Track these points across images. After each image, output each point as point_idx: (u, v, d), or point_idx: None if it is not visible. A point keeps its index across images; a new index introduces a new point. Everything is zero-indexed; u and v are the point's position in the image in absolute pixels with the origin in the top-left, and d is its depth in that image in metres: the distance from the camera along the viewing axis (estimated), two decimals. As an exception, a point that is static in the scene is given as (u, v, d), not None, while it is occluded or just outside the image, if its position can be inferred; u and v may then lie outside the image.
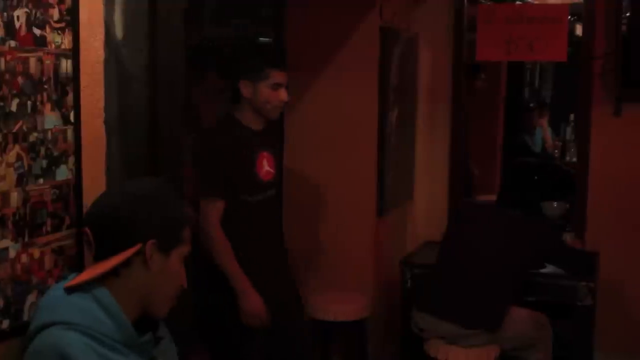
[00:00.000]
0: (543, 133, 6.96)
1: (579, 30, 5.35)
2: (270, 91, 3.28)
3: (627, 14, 4.57)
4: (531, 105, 7.16)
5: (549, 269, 4.30)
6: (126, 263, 1.87)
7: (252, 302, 3.18)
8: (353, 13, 4.26)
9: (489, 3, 5.12)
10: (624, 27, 4.57)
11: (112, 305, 1.83)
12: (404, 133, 4.72)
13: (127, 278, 1.88)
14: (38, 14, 1.95)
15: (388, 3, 4.34)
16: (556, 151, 6.87)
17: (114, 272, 1.87)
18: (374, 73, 4.25)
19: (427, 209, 5.05)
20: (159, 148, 2.70)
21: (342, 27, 4.26)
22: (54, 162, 2.04)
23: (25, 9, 1.91)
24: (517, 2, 5.31)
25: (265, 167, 3.35)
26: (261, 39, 4.59)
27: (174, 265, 1.95)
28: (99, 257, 1.88)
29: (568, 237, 4.57)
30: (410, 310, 4.12)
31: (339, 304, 4.15)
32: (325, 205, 4.34)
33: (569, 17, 5.00)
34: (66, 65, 2.06)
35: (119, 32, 2.49)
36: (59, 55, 2.03)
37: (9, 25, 1.87)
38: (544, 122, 6.95)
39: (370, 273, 4.32)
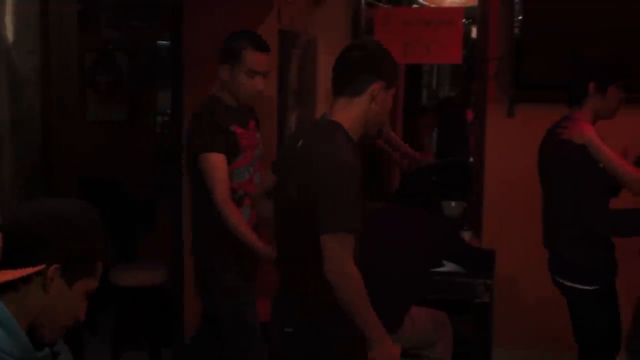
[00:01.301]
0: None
1: (474, 33, 5.46)
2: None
3: (520, 17, 4.68)
4: (427, 106, 7.29)
5: (447, 267, 4.37)
6: (26, 279, 1.81)
7: (390, 353, 2.89)
8: (251, 16, 4.24)
9: (386, 6, 5.19)
10: (516, 30, 4.69)
11: (9, 320, 1.76)
12: (304, 135, 4.73)
13: (24, 295, 1.82)
14: None
15: (286, 6, 4.34)
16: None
17: (13, 286, 1.81)
18: (273, 75, 4.24)
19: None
20: (54, 153, 2.64)
21: (241, 29, 4.24)
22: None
23: None
24: (414, 6, 5.39)
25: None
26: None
27: (75, 296, 1.89)
28: (4, 264, 1.82)
29: (466, 236, 4.65)
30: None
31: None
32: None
33: (464, 20, 5.11)
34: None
35: (9, 34, 2.43)
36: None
37: None
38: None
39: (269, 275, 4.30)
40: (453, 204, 5.02)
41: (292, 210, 2.75)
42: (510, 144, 4.81)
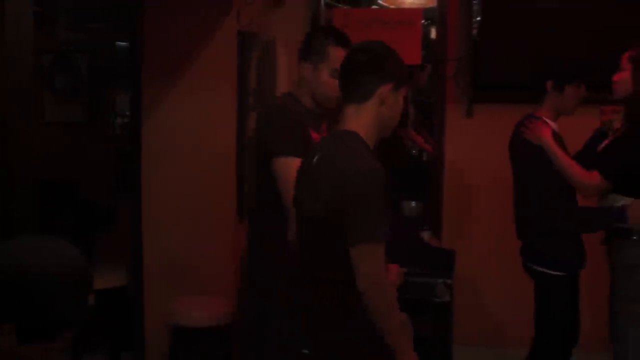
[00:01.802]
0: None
1: (433, 34, 5.49)
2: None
3: (478, 19, 4.72)
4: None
5: (407, 267, 4.38)
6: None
7: None
8: (210, 17, 4.23)
9: (345, 7, 5.20)
10: (474, 31, 4.73)
11: None
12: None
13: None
14: None
15: (246, 7, 4.33)
16: (414, 151, 7.02)
17: None
18: (232, 77, 4.23)
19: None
20: (11, 154, 2.62)
21: (200, 31, 4.23)
22: None
23: None
24: (373, 7, 5.41)
25: None
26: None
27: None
28: None
29: (425, 236, 4.68)
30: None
31: (201, 310, 4.13)
32: (185, 211, 4.30)
33: (423, 21, 5.13)
34: None
35: (-37, 35, 2.41)
36: None
37: None
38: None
39: (232, 278, 4.30)
40: (412, 204, 5.05)
41: (311, 228, 2.65)
42: (468, 144, 4.85)
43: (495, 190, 4.77)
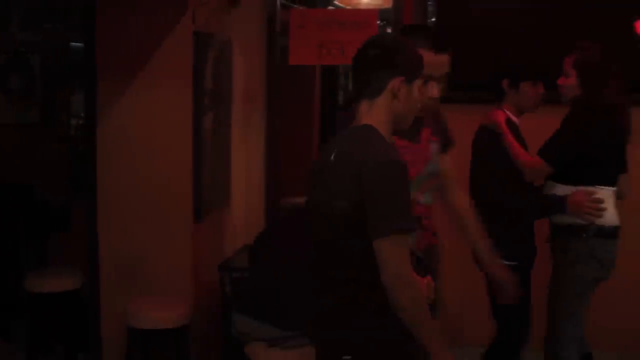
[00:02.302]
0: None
1: (389, 34, 5.51)
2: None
3: (433, 19, 4.75)
4: (346, 105, 7.32)
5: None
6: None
7: None
8: (165, 17, 4.21)
9: (301, 8, 5.21)
10: (429, 32, 4.76)
11: None
12: (220, 137, 4.72)
13: None
14: None
15: (201, 7, 4.32)
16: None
17: None
18: (188, 77, 4.21)
19: (245, 211, 5.07)
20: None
21: (155, 31, 4.21)
22: None
23: None
24: (329, 8, 5.42)
25: None
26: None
27: None
28: None
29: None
30: (230, 314, 4.12)
31: (158, 312, 4.11)
32: (141, 212, 4.27)
33: (379, 22, 5.15)
34: None
35: None
36: None
37: None
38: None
39: (188, 279, 4.28)
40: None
41: (331, 228, 2.58)
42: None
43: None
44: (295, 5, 5.17)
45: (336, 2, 5.39)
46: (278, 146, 5.08)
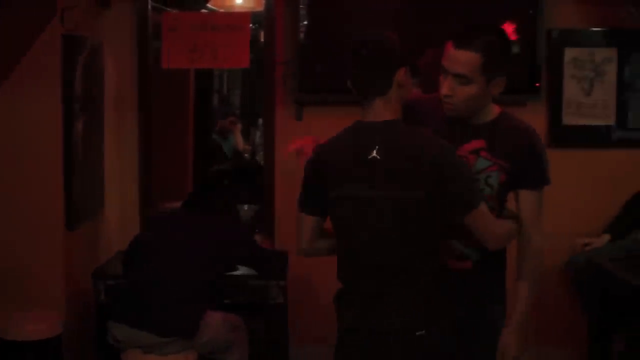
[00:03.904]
0: (235, 138, 7.12)
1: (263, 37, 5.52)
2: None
3: (305, 23, 4.79)
4: (227, 112, 7.32)
5: (241, 270, 4.41)
6: None
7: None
8: (33, 20, 4.10)
9: (173, 11, 5.16)
10: (301, 35, 4.79)
11: None
12: (92, 142, 4.64)
13: None
14: None
15: (70, 10, 4.23)
16: (246, 155, 7.06)
17: None
18: (56, 82, 4.13)
19: (119, 218, 5.00)
20: None
21: (21, 35, 4.10)
22: None
23: None
24: (202, 11, 5.39)
25: None
26: None
27: None
28: None
29: (258, 238, 4.71)
30: (105, 322, 4.06)
31: (29, 323, 4.02)
32: (10, 222, 4.16)
33: (253, 25, 5.16)
34: None
35: None
36: None
37: None
38: (237, 127, 7.12)
39: (61, 288, 4.20)
40: (245, 207, 5.08)
41: (395, 219, 2.62)
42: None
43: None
44: (168, 9, 5.12)
45: (209, 5, 5.36)
46: (152, 151, 5.02)
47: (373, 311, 2.68)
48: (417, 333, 2.63)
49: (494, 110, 2.89)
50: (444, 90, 2.75)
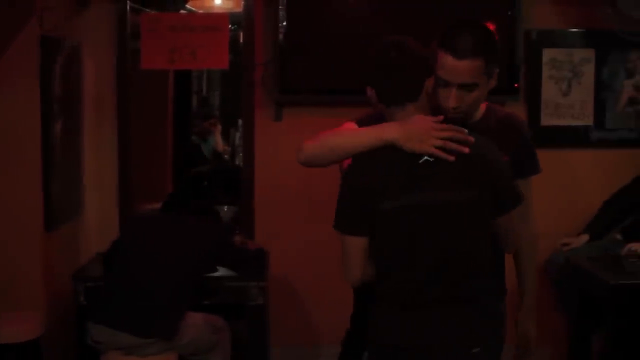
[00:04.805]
0: (215, 139, 7.11)
1: (242, 38, 5.52)
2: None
3: (284, 24, 4.78)
4: (206, 113, 7.30)
5: (220, 271, 4.40)
6: None
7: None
8: (10, 21, 4.07)
9: (152, 12, 5.15)
10: (280, 36, 4.79)
11: None
12: (70, 144, 4.62)
13: None
14: None
15: (48, 11, 4.21)
16: (226, 156, 7.05)
17: None
18: (35, 84, 4.10)
19: (99, 220, 4.98)
20: None
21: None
22: None
23: None
24: (181, 12, 5.38)
25: None
26: None
27: None
28: None
29: (239, 239, 4.70)
30: (85, 324, 4.05)
31: (9, 325, 3.98)
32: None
33: (232, 26, 5.15)
34: None
35: None
36: None
37: None
38: (216, 128, 7.11)
39: (40, 290, 4.18)
40: (225, 208, 5.08)
41: (455, 222, 2.57)
42: (278, 147, 4.91)
43: (305, 190, 4.88)
44: (146, 10, 5.10)
45: (188, 6, 5.35)
46: (131, 152, 5.00)
47: (426, 327, 2.58)
48: (473, 350, 2.57)
49: (481, 106, 2.90)
50: (452, 102, 2.69)
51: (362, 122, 2.80)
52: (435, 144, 2.50)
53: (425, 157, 2.54)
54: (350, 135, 2.69)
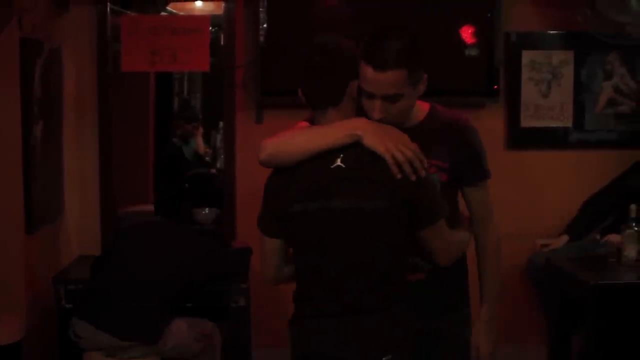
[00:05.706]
0: (196, 141, 7.10)
1: (223, 40, 5.52)
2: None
3: (264, 26, 4.79)
4: (188, 115, 7.29)
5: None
6: None
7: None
8: (-10, 24, 4.07)
9: (133, 14, 5.15)
10: (261, 38, 4.80)
11: None
12: (51, 146, 4.61)
13: None
14: None
15: (28, 13, 4.20)
16: (207, 159, 7.04)
17: None
18: (15, 86, 4.09)
19: (80, 222, 4.97)
20: None
21: (-22, 38, 4.06)
22: None
23: None
24: (162, 14, 5.38)
25: None
26: None
27: None
28: None
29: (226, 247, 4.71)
30: (67, 327, 4.04)
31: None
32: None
33: (212, 28, 5.16)
34: None
35: None
36: None
37: None
38: (198, 131, 7.10)
39: (21, 293, 4.16)
40: (206, 210, 5.08)
41: (365, 228, 2.48)
42: (259, 149, 4.90)
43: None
44: (127, 12, 5.10)
45: (169, 8, 5.35)
46: (112, 154, 4.99)
47: (337, 335, 2.52)
48: (383, 358, 2.49)
49: (422, 108, 2.76)
50: (376, 114, 2.55)
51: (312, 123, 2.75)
52: (396, 155, 2.43)
53: (338, 164, 2.48)
54: (317, 132, 2.59)
